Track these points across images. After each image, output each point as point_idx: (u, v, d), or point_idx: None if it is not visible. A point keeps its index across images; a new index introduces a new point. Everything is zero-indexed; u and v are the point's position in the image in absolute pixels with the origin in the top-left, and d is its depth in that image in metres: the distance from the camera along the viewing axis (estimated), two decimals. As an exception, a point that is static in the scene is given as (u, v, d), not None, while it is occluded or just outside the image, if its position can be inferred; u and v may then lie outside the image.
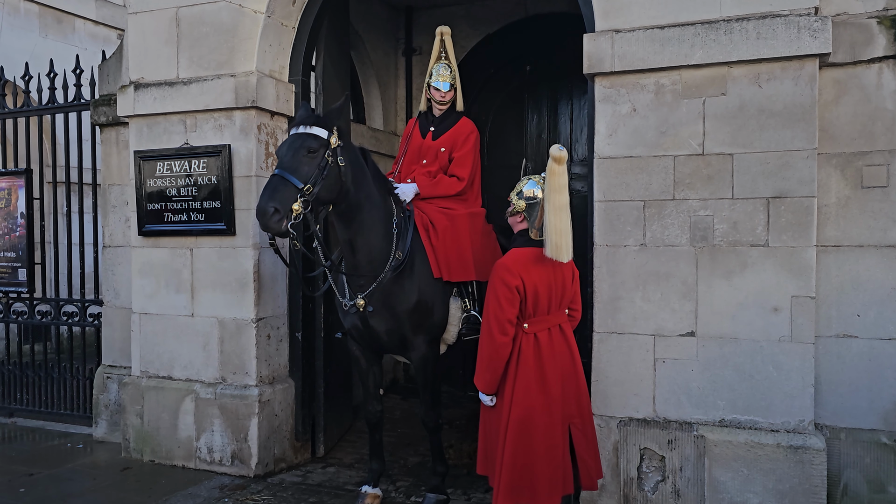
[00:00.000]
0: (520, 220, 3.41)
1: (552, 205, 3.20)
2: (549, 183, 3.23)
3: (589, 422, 3.42)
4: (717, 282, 3.66)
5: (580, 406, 3.38)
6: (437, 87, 4.41)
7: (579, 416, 3.37)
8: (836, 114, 3.66)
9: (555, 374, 3.26)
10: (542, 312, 3.28)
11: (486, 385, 3.29)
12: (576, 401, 3.36)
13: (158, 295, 4.92)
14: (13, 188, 6.06)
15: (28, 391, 6.12)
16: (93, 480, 4.63)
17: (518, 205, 3.39)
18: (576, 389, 3.37)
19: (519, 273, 3.21)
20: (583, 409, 3.40)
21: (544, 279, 3.26)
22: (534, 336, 3.26)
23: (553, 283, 3.30)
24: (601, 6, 3.84)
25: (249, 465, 4.62)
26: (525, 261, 3.26)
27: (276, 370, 4.86)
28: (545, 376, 3.25)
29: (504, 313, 3.20)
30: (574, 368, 3.38)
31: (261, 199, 3.36)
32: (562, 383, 3.29)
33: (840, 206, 3.68)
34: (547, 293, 3.27)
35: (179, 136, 4.81)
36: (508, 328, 3.21)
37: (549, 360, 3.26)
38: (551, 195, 3.21)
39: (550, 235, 3.19)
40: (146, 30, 4.89)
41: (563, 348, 3.34)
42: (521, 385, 3.23)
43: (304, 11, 4.87)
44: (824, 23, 3.44)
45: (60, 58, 6.91)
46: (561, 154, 3.20)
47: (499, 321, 3.21)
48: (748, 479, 3.57)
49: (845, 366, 3.68)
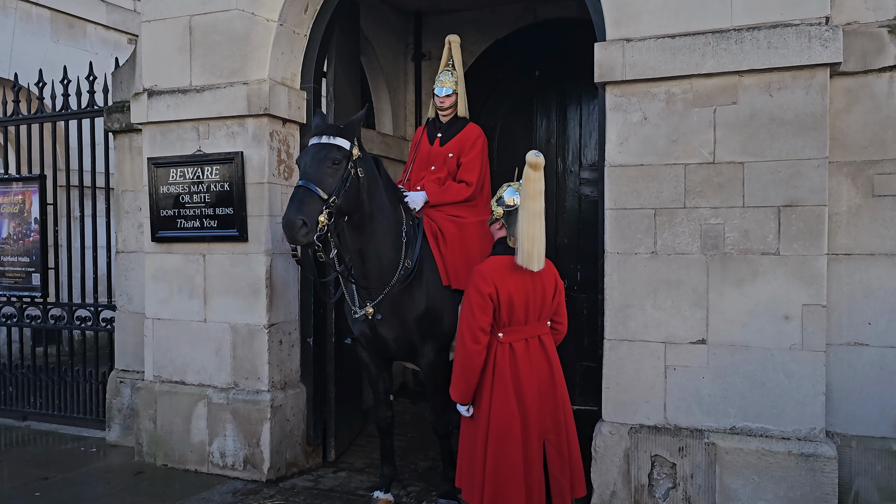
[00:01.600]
0: (499, 228, 3.41)
1: (526, 211, 3.17)
2: (524, 189, 3.20)
3: (567, 439, 3.34)
4: (728, 290, 3.68)
5: (556, 422, 3.31)
6: (437, 92, 4.47)
7: (555, 431, 3.30)
8: (847, 122, 3.67)
9: (531, 387, 3.21)
10: (518, 322, 3.23)
11: (459, 395, 3.25)
12: (552, 416, 3.29)
13: (171, 300, 4.97)
14: (27, 194, 6.12)
15: (42, 395, 6.18)
16: (107, 484, 4.68)
17: (497, 212, 3.38)
18: (553, 404, 3.30)
19: (493, 280, 3.17)
20: (559, 426, 3.31)
21: (521, 288, 3.21)
22: (509, 346, 3.22)
23: (531, 292, 3.24)
24: (612, 15, 3.86)
25: (262, 469, 4.66)
26: (501, 268, 3.22)
27: (288, 375, 4.89)
28: (521, 388, 3.19)
29: (476, 321, 3.16)
30: (552, 382, 3.31)
31: (288, 211, 3.38)
32: (538, 396, 3.23)
33: (851, 215, 3.69)
34: (524, 303, 3.22)
35: (192, 144, 4.85)
36: (480, 336, 3.16)
37: (525, 371, 3.21)
38: (526, 202, 3.17)
39: (522, 242, 3.16)
40: (159, 38, 4.94)
41: (540, 361, 3.28)
42: (498, 396, 3.18)
43: (316, 19, 4.91)
44: (835, 32, 3.45)
45: (72, 63, 6.97)
46: (537, 160, 3.17)
47: (471, 329, 3.17)
48: (759, 487, 3.58)
49: (856, 374, 3.69)
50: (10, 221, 6.23)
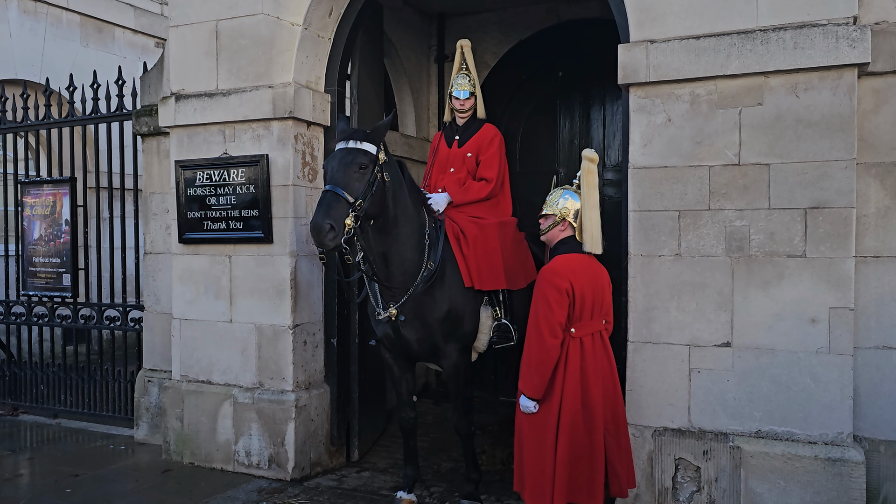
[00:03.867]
0: (562, 229, 3.53)
1: (589, 202, 3.44)
2: (585, 181, 3.46)
3: (623, 430, 3.49)
4: (754, 292, 3.65)
5: (615, 413, 3.45)
6: (457, 95, 4.51)
7: (613, 422, 3.43)
8: (875, 123, 3.62)
9: (596, 380, 3.35)
10: (586, 318, 3.38)
11: (534, 389, 3.32)
12: (612, 408, 3.43)
13: (198, 301, 5.04)
14: (58, 196, 6.25)
15: (72, 393, 6.30)
16: (135, 482, 4.76)
17: (563, 212, 3.52)
18: (613, 396, 3.45)
19: (568, 277, 3.32)
20: (617, 417, 3.45)
21: (588, 284, 3.38)
22: (580, 341, 3.35)
23: (595, 288, 3.41)
24: (636, 17, 3.85)
25: (286, 468, 4.71)
26: (573, 265, 3.39)
27: (312, 375, 4.94)
28: (588, 381, 3.33)
29: (554, 316, 3.28)
30: (611, 375, 3.46)
31: (315, 215, 3.42)
32: (602, 389, 3.37)
33: (879, 217, 3.64)
34: (590, 298, 3.38)
35: (219, 146, 4.92)
36: (559, 331, 3.29)
37: (591, 365, 3.35)
38: (589, 192, 3.45)
39: (589, 229, 3.41)
40: (187, 42, 5.01)
41: (602, 354, 3.43)
42: (569, 388, 3.30)
43: (340, 22, 4.95)
44: (863, 32, 3.41)
45: (101, 66, 7.11)
46: (594, 155, 3.50)
47: (549, 324, 3.28)
48: (785, 492, 3.55)
49: (885, 378, 3.64)
50: (42, 223, 6.36)
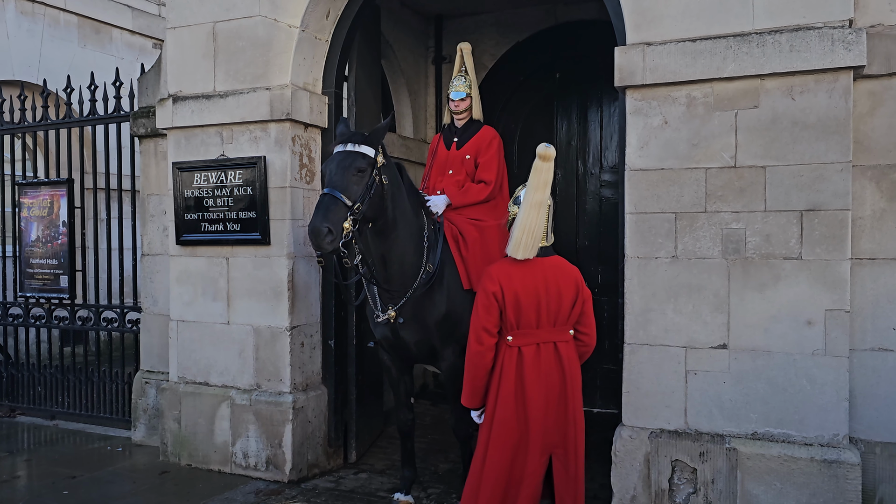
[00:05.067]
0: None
1: (527, 201, 3.09)
2: (530, 180, 3.11)
3: (575, 455, 3.18)
4: (750, 294, 3.66)
5: (565, 436, 3.14)
6: (453, 97, 4.55)
7: (562, 445, 3.13)
8: (871, 126, 3.63)
9: (536, 395, 3.07)
10: (527, 325, 3.11)
11: (466, 398, 3.17)
12: (561, 429, 3.13)
13: (195, 303, 5.04)
14: (55, 197, 6.24)
15: (69, 394, 6.30)
16: (133, 484, 4.76)
17: (512, 211, 3.31)
18: (563, 417, 3.14)
19: (499, 280, 3.08)
20: (568, 440, 3.15)
21: (530, 290, 3.08)
22: (518, 350, 3.10)
23: (544, 295, 3.11)
24: (633, 19, 3.86)
25: (284, 470, 4.71)
26: (510, 269, 3.13)
27: (310, 377, 4.94)
28: (525, 395, 3.06)
29: (479, 320, 3.08)
30: (564, 393, 3.14)
31: (314, 218, 3.41)
32: (544, 406, 3.08)
33: (875, 219, 3.64)
34: (534, 305, 3.09)
35: (216, 148, 4.92)
36: (483, 336, 3.08)
37: (531, 378, 3.07)
38: (529, 192, 3.10)
39: (514, 230, 3.09)
40: (184, 44, 5.01)
41: (552, 369, 3.13)
42: (502, 402, 3.08)
43: (338, 24, 4.95)
44: (859, 35, 3.42)
45: (98, 67, 7.12)
46: (547, 151, 3.10)
47: (475, 328, 3.10)
48: (781, 493, 3.56)
49: (881, 379, 3.65)
50: (39, 224, 6.36)
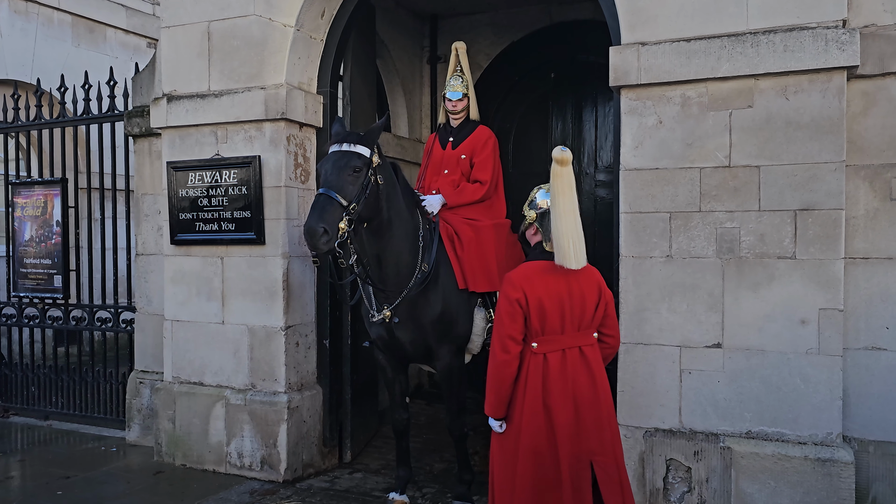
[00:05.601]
0: (534, 233, 3.24)
1: (557, 209, 2.98)
2: (552, 186, 3.01)
3: (614, 459, 3.05)
4: (744, 294, 3.67)
5: (602, 442, 3.01)
6: (450, 97, 4.55)
7: (601, 452, 3.00)
8: (864, 126, 3.65)
9: (564, 401, 2.96)
10: (552, 331, 3.00)
11: (491, 408, 3.06)
12: (596, 435, 3.00)
13: (190, 302, 5.03)
14: (49, 197, 6.22)
15: (63, 395, 6.28)
16: (127, 484, 4.75)
17: (529, 216, 3.23)
18: (597, 422, 3.01)
19: (521, 286, 2.98)
20: (606, 446, 3.02)
21: (554, 294, 2.98)
22: (543, 357, 2.99)
23: (566, 299, 3.01)
24: (627, 19, 3.86)
25: (279, 470, 4.70)
26: (532, 273, 3.03)
27: (305, 377, 4.94)
28: (551, 402, 2.96)
29: (504, 328, 2.97)
30: (596, 398, 3.02)
31: (309, 219, 3.40)
32: (575, 412, 2.97)
33: (868, 219, 3.66)
34: (558, 310, 2.99)
35: (211, 148, 4.91)
36: (509, 345, 2.97)
37: (557, 384, 2.97)
38: (556, 199, 2.99)
39: (559, 241, 2.97)
40: (179, 43, 5.00)
41: (580, 374, 3.01)
42: (529, 410, 2.96)
43: (333, 24, 4.95)
44: (852, 35, 3.43)
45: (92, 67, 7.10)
46: (563, 155, 2.97)
47: (500, 337, 2.99)
48: (775, 492, 3.57)
49: (874, 378, 3.66)
50: (33, 224, 6.34)
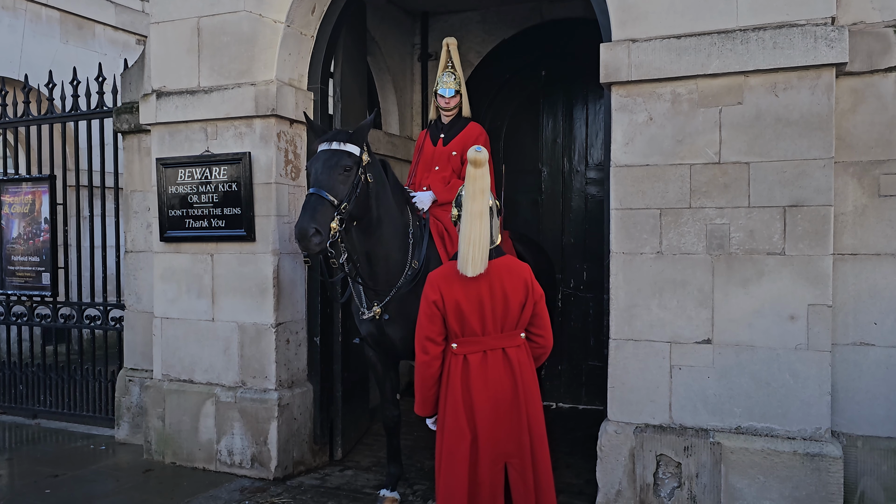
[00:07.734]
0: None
1: (467, 212, 2.92)
2: (465, 189, 2.96)
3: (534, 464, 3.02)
4: (734, 290, 3.68)
5: (520, 445, 2.98)
6: (442, 93, 4.53)
7: (518, 455, 2.97)
8: (853, 122, 3.67)
9: (484, 403, 2.94)
10: (472, 332, 2.97)
11: (418, 407, 3.10)
12: (514, 438, 2.98)
13: (180, 300, 5.00)
14: (37, 194, 6.18)
15: (51, 393, 6.23)
16: (116, 482, 4.72)
17: (453, 213, 3.14)
18: (516, 425, 2.98)
19: (439, 287, 2.96)
20: (523, 449, 2.98)
21: (472, 296, 2.94)
22: (463, 358, 2.98)
23: (488, 300, 2.95)
24: (618, 16, 3.87)
25: (269, 468, 4.69)
26: (452, 274, 2.98)
27: (295, 374, 4.92)
28: (472, 404, 2.94)
29: (423, 329, 2.99)
30: (516, 401, 2.99)
31: (300, 219, 3.39)
32: (494, 414, 2.95)
33: (857, 215, 3.68)
34: (477, 311, 2.95)
35: (201, 144, 4.89)
36: (428, 346, 2.98)
37: (478, 386, 2.95)
38: (466, 202, 2.93)
39: (461, 244, 2.91)
40: (168, 39, 4.97)
41: (501, 376, 2.98)
42: (450, 411, 2.98)
43: (323, 20, 4.93)
44: (841, 32, 3.45)
45: (81, 63, 7.03)
46: (477, 156, 2.91)
47: (419, 339, 3.01)
48: (765, 487, 3.59)
49: (862, 374, 3.69)
50: (21, 221, 6.29)
